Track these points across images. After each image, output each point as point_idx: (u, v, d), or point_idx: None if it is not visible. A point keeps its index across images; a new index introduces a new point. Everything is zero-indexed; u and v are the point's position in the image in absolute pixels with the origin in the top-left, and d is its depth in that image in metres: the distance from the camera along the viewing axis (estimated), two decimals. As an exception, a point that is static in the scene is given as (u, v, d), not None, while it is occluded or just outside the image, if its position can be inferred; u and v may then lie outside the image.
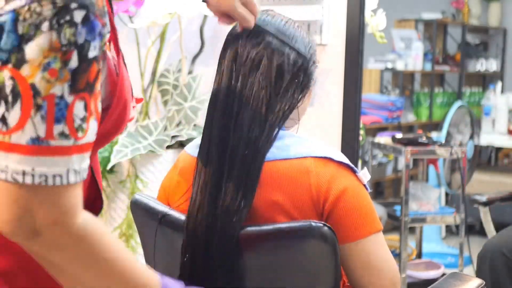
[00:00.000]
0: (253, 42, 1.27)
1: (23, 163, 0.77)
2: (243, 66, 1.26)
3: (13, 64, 0.76)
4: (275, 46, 1.26)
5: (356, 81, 2.34)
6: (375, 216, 1.27)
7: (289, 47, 1.27)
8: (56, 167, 0.78)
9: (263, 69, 1.25)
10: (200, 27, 2.63)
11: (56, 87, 0.77)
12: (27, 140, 0.77)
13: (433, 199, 3.23)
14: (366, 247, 1.24)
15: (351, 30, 2.33)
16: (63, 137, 0.78)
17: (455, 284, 1.42)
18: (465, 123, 4.11)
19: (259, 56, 1.26)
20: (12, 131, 0.76)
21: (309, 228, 1.18)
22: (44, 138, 0.77)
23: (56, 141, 0.78)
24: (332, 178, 1.24)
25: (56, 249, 0.82)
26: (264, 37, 1.27)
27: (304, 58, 1.29)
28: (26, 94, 0.76)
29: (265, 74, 1.25)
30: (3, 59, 0.77)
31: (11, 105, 0.76)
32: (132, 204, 1.42)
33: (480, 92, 6.11)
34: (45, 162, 0.77)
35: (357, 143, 2.38)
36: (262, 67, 1.25)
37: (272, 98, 1.25)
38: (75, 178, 0.80)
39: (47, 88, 0.77)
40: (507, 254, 2.46)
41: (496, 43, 6.47)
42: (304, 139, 1.30)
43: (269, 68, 1.25)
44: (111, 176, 2.51)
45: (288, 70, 1.26)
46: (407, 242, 3.08)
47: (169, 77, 2.58)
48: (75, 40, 0.78)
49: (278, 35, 1.27)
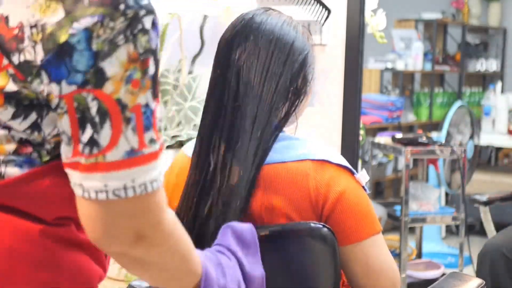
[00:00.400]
0: (247, 43, 1.25)
1: (123, 178, 0.77)
2: (236, 67, 1.24)
3: (93, 84, 0.75)
4: (270, 48, 1.25)
5: (356, 81, 2.34)
6: (374, 217, 1.27)
7: (285, 48, 1.26)
8: (152, 173, 0.79)
9: (256, 71, 1.23)
10: (200, 27, 2.62)
11: (141, 97, 0.77)
12: (122, 155, 0.77)
13: (433, 199, 3.23)
14: (365, 249, 1.24)
15: (351, 30, 2.33)
16: (152, 143, 0.79)
17: (455, 284, 1.42)
18: (465, 123, 4.11)
19: (253, 57, 1.24)
20: (106, 151, 0.76)
21: (309, 229, 1.18)
22: (138, 149, 0.78)
23: (149, 149, 0.79)
24: (330, 181, 1.23)
25: (157, 246, 0.84)
26: (259, 38, 1.25)
27: (300, 60, 1.27)
28: (114, 111, 0.76)
29: (259, 76, 1.23)
30: (79, 82, 0.76)
31: (99, 125, 0.76)
32: (132, 204, 1.42)
33: (480, 92, 6.11)
34: (143, 171, 0.78)
35: (357, 143, 2.38)
36: (255, 68, 1.24)
37: (266, 100, 1.23)
38: (161, 178, 0.82)
39: (133, 100, 0.76)
40: (507, 254, 2.46)
41: (496, 43, 6.47)
42: (302, 141, 1.29)
43: (263, 69, 1.24)
44: (111, 176, 2.51)
45: (283, 72, 1.25)
46: (407, 242, 3.07)
47: (169, 77, 2.58)
48: (149, 46, 0.78)
49: (273, 36, 1.25)
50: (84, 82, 0.75)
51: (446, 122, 3.97)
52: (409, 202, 3.00)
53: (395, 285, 1.27)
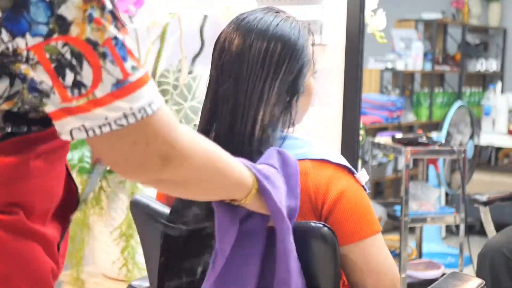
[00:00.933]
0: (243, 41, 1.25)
1: (119, 108, 0.80)
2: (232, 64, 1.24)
3: (59, 32, 0.78)
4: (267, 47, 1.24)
5: (356, 81, 2.34)
6: (374, 217, 1.27)
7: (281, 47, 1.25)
8: (147, 96, 0.82)
9: (251, 70, 1.23)
10: (200, 27, 2.62)
11: (107, 32, 0.80)
12: (110, 88, 0.80)
13: (433, 199, 3.23)
14: (365, 249, 1.24)
15: (351, 30, 2.33)
16: (135, 69, 0.82)
17: (455, 284, 1.42)
18: (465, 123, 4.11)
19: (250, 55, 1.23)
20: (93, 88, 0.79)
21: (309, 229, 1.18)
22: (124, 79, 0.80)
23: (134, 76, 0.81)
24: (330, 180, 1.23)
25: (185, 162, 0.88)
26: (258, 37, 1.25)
27: (296, 60, 1.26)
28: (87, 50, 0.79)
29: (255, 74, 1.23)
30: (44, 33, 0.78)
31: (78, 67, 0.79)
32: (132, 204, 1.42)
33: (480, 92, 6.11)
34: (137, 97, 0.81)
35: (357, 143, 2.38)
36: (250, 66, 1.23)
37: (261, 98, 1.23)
38: (160, 99, 0.84)
39: (101, 36, 0.79)
40: (507, 254, 2.46)
41: (496, 43, 6.47)
42: (302, 141, 1.29)
43: (258, 69, 1.23)
44: (111, 176, 2.51)
45: (277, 72, 1.24)
46: (407, 242, 3.07)
47: (169, 77, 2.58)
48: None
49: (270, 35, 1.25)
50: (49, 33, 0.78)
51: (446, 122, 3.97)
52: (409, 202, 3.00)
53: (395, 285, 1.27)
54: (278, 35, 1.25)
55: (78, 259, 2.59)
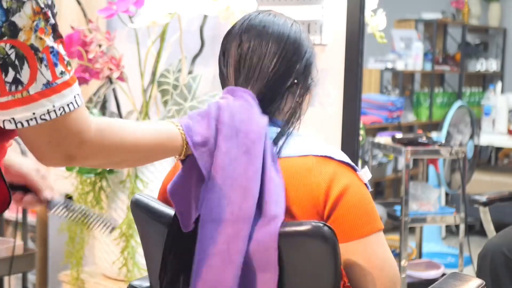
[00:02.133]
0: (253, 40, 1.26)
1: (45, 105, 0.96)
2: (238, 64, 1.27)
3: (9, 36, 0.93)
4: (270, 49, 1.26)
5: (356, 81, 2.34)
6: (376, 215, 1.27)
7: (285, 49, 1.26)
8: (68, 97, 0.99)
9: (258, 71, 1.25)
10: (200, 27, 2.62)
11: (47, 41, 0.96)
12: (41, 87, 0.96)
13: (433, 199, 3.23)
14: (367, 246, 1.24)
15: (351, 30, 2.33)
16: (63, 74, 0.98)
17: (455, 284, 1.42)
18: (465, 123, 4.11)
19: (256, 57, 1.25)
20: (28, 86, 0.95)
21: (310, 229, 1.18)
22: (53, 81, 0.97)
23: (61, 79, 0.98)
24: (333, 177, 1.24)
25: (92, 158, 1.05)
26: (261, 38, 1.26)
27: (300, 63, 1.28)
28: (29, 54, 0.95)
29: (261, 76, 1.25)
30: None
31: (19, 67, 0.94)
32: (132, 204, 1.42)
33: (480, 92, 6.11)
34: (60, 97, 0.98)
35: (357, 143, 2.38)
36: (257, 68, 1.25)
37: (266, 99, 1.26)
38: (81, 100, 1.01)
39: (42, 43, 0.96)
40: (508, 254, 2.46)
41: (496, 43, 6.47)
42: (305, 138, 1.30)
43: (264, 70, 1.25)
44: (111, 176, 2.51)
45: (283, 73, 1.26)
46: (407, 242, 3.07)
47: (169, 77, 2.58)
48: (47, 2, 0.97)
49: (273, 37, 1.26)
50: (0, 35, 0.93)
51: (446, 122, 3.97)
52: (409, 202, 3.00)
53: (395, 283, 1.27)
54: (290, 36, 1.29)
55: (78, 259, 2.58)
